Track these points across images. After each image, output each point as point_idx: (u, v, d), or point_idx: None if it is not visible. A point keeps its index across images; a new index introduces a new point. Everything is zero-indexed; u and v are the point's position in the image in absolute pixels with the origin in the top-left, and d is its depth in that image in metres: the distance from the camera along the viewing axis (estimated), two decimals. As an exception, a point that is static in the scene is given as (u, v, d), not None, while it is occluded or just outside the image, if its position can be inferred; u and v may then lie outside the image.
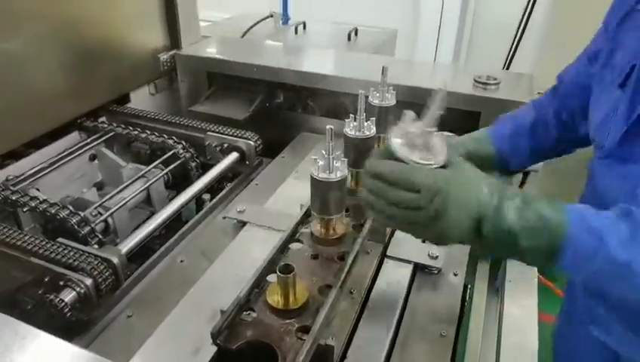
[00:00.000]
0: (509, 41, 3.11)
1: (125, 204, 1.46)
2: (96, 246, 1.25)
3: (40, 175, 1.54)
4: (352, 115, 1.20)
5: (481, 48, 4.68)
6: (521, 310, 1.33)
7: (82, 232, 1.27)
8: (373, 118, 1.21)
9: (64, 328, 1.08)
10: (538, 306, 1.18)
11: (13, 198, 1.35)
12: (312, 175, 1.03)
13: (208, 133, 1.74)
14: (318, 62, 2.15)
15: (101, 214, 1.40)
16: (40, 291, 1.12)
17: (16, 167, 1.53)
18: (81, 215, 1.31)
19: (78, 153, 1.67)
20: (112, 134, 1.76)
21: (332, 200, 1.05)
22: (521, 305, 1.35)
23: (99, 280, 1.11)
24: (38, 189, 1.51)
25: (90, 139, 1.73)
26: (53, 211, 1.31)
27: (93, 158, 1.74)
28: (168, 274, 1.27)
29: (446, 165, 0.86)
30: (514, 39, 3.09)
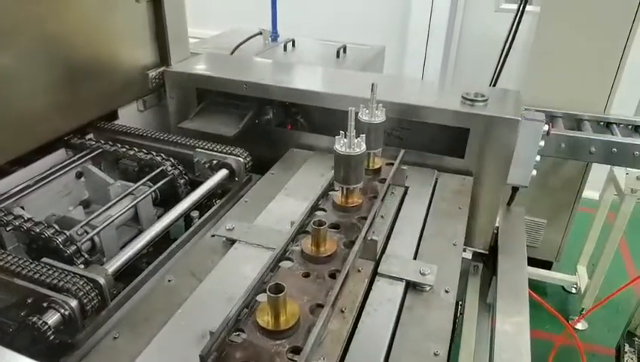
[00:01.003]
0: (496, 58, 3.16)
1: (112, 222, 1.43)
2: (81, 266, 1.22)
3: (25, 193, 1.51)
4: (342, 131, 1.20)
5: (468, 64, 4.76)
6: (513, 326, 1.33)
7: (68, 252, 1.24)
8: (363, 135, 1.21)
9: (48, 351, 1.05)
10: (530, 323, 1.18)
11: (-3, 217, 1.33)
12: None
13: (197, 150, 1.73)
14: (308, 79, 2.16)
15: (87, 233, 1.38)
16: (22, 313, 1.09)
17: (1, 185, 1.50)
18: (67, 234, 1.28)
19: (64, 170, 1.64)
20: (99, 151, 1.74)
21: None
22: (513, 322, 1.35)
23: (84, 301, 1.08)
24: (22, 207, 1.48)
25: (77, 156, 1.71)
26: (37, 230, 1.28)
27: (79, 176, 1.71)
28: (156, 293, 1.25)
29: None
30: (500, 55, 3.13)
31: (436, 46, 4.54)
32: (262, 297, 0.99)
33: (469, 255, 1.76)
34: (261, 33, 3.46)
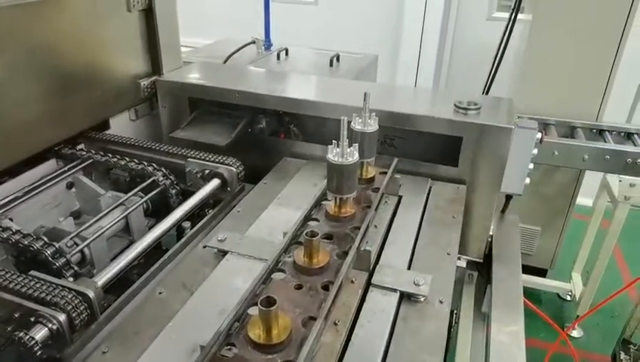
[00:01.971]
0: (488, 66, 3.17)
1: (103, 233, 1.41)
2: (71, 279, 1.20)
3: (14, 204, 1.49)
4: (334, 140, 1.19)
5: (461, 72, 4.79)
6: (508, 335, 1.32)
7: (57, 264, 1.22)
8: (356, 144, 1.20)
9: (35, 366, 1.03)
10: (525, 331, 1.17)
11: (-16, 229, 1.30)
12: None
13: (189, 160, 1.71)
14: (301, 87, 2.16)
15: (77, 244, 1.35)
16: (9, 328, 1.06)
17: (-11, 196, 1.49)
18: (56, 246, 1.26)
19: (54, 181, 1.63)
20: (90, 161, 1.72)
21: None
22: (508, 331, 1.34)
23: (73, 315, 1.06)
24: (11, 219, 1.46)
25: (68, 166, 1.69)
26: (26, 242, 1.26)
27: (70, 186, 1.69)
28: (147, 306, 1.22)
29: None
30: (493, 64, 3.15)
31: (429, 54, 4.57)
32: (253, 310, 0.97)
33: (463, 263, 1.76)
34: (254, 42, 3.47)
